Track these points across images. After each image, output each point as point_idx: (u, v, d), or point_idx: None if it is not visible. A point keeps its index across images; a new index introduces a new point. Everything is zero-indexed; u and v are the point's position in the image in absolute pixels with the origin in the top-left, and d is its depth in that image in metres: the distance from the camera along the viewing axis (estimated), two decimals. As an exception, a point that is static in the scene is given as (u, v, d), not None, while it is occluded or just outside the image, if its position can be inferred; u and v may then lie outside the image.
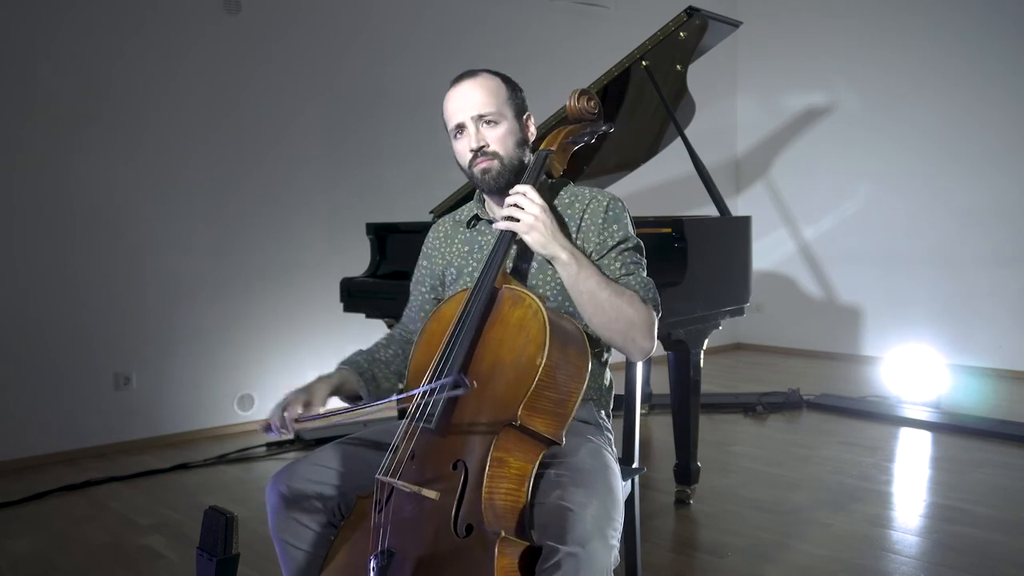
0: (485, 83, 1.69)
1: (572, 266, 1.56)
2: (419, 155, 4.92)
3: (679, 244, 2.98)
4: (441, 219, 1.92)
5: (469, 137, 1.67)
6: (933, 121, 5.77)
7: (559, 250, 1.56)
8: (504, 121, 1.68)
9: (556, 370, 1.43)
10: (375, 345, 1.82)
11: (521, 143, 1.71)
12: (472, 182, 1.74)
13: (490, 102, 1.67)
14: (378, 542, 1.42)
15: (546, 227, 1.56)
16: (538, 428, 1.42)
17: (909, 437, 4.09)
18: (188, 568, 2.56)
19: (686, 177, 4.07)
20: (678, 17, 3.40)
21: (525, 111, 1.75)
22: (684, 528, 2.97)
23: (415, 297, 1.89)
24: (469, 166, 1.70)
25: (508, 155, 1.68)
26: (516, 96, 1.73)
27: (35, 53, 3.81)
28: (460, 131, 1.70)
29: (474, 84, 1.69)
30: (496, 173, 1.68)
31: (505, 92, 1.70)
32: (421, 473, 1.44)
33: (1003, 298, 5.53)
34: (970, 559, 2.60)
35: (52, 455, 3.87)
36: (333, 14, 4.66)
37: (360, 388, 1.70)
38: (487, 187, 1.71)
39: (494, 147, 1.67)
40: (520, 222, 1.56)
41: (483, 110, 1.66)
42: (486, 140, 1.67)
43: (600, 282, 1.57)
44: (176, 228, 4.21)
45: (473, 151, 1.67)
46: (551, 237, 1.56)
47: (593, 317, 1.58)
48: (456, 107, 1.69)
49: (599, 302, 1.57)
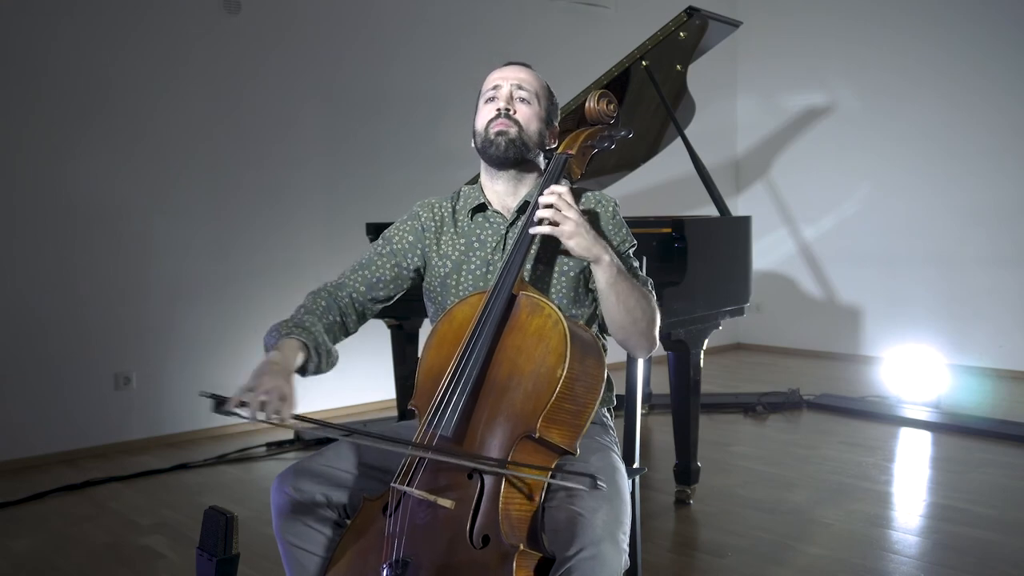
0: (533, 73, 1.75)
1: (613, 268, 1.56)
2: (419, 155, 4.91)
3: (679, 244, 2.98)
4: (434, 201, 1.79)
5: (500, 100, 1.69)
6: (933, 121, 5.77)
7: (603, 253, 1.55)
8: (536, 104, 1.71)
9: (575, 382, 1.42)
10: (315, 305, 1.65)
11: (541, 135, 1.72)
12: (481, 150, 1.70)
13: (533, 84, 1.72)
14: (392, 551, 1.41)
15: (587, 231, 1.54)
16: (554, 439, 1.41)
17: (909, 437, 4.09)
18: (188, 568, 2.56)
19: (686, 177, 4.07)
20: (678, 17, 3.41)
21: (554, 121, 1.76)
22: (684, 528, 2.97)
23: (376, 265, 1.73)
24: (486, 126, 1.68)
25: (528, 132, 1.68)
26: (552, 101, 1.77)
27: (36, 53, 3.81)
28: (495, 93, 1.70)
29: (523, 68, 1.75)
30: (510, 139, 1.66)
31: (546, 90, 1.75)
32: (435, 481, 1.43)
33: (1003, 298, 5.53)
34: (970, 559, 2.60)
35: (52, 455, 3.87)
36: (333, 14, 4.66)
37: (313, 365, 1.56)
38: (494, 151, 1.67)
39: (519, 117, 1.68)
40: (560, 227, 1.53)
41: (525, 84, 1.70)
42: (515, 108, 1.68)
43: (631, 284, 1.58)
44: (176, 228, 4.21)
45: (499, 110, 1.67)
46: (594, 240, 1.54)
47: (618, 316, 1.59)
48: (501, 75, 1.72)
49: (631, 304, 1.58)
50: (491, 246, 1.72)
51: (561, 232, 1.52)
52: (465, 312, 1.56)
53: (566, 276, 1.68)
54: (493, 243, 1.72)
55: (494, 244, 1.72)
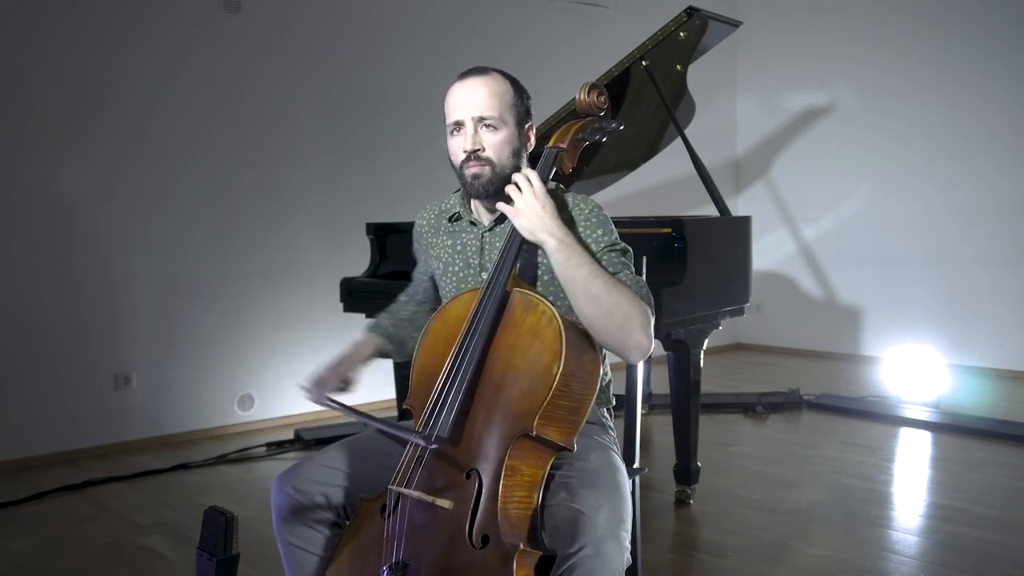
0: (493, 84, 1.63)
1: (561, 252, 1.50)
2: (419, 155, 4.91)
3: (679, 244, 2.98)
4: (427, 208, 1.88)
5: (466, 137, 1.63)
6: (933, 121, 5.77)
7: (546, 236, 1.51)
8: (504, 128, 1.63)
9: (571, 379, 1.42)
10: (397, 302, 1.92)
11: (517, 152, 1.66)
12: (461, 183, 1.69)
13: (493, 105, 1.61)
14: (392, 553, 1.41)
15: (537, 215, 1.52)
16: (552, 436, 1.41)
17: (909, 437, 4.09)
18: (188, 568, 2.56)
19: (686, 177, 4.07)
20: (678, 17, 3.41)
21: (528, 120, 1.70)
22: (684, 528, 2.97)
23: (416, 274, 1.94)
24: (460, 167, 1.65)
25: (501, 163, 1.63)
26: (521, 103, 1.67)
27: (35, 53, 3.81)
28: (458, 128, 1.65)
29: (481, 83, 1.63)
30: (486, 180, 1.63)
31: (511, 97, 1.65)
32: (433, 481, 1.43)
33: (1003, 298, 5.53)
34: (970, 559, 2.60)
35: (52, 455, 3.87)
36: (333, 14, 4.66)
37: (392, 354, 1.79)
38: (475, 192, 1.67)
39: (489, 153, 1.62)
40: (515, 204, 1.54)
41: (485, 112, 1.61)
42: (482, 144, 1.61)
43: (593, 272, 1.49)
44: (176, 228, 4.21)
45: (467, 152, 1.63)
46: (541, 225, 1.51)
47: (586, 309, 1.48)
48: (458, 103, 1.63)
49: (593, 293, 1.48)
50: (472, 250, 1.74)
51: (509, 210, 1.56)
52: (459, 310, 1.56)
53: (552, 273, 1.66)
54: (473, 247, 1.74)
55: (473, 249, 1.74)
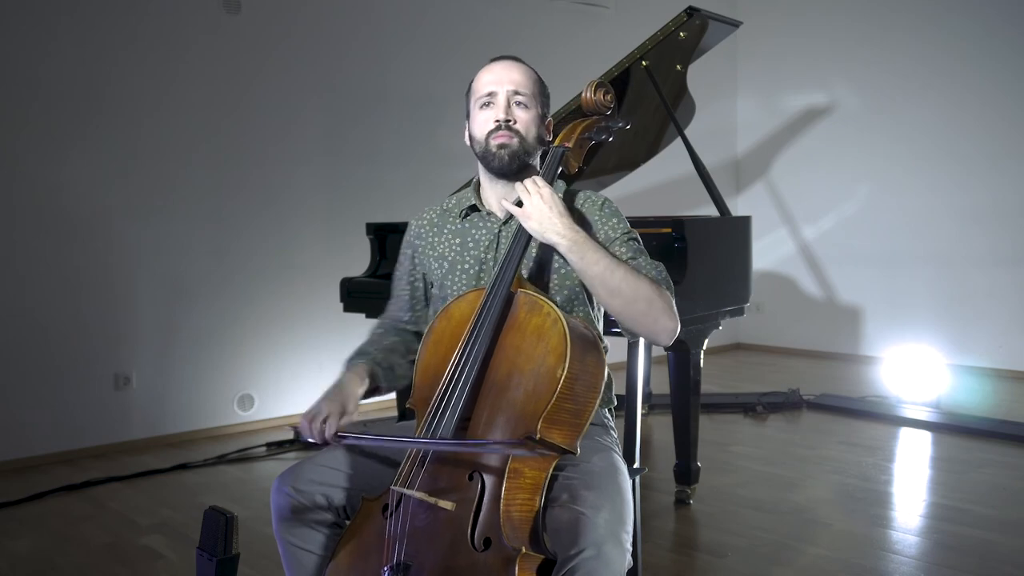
0: (526, 69, 1.71)
1: (573, 252, 1.52)
2: (419, 155, 4.92)
3: (679, 244, 2.98)
4: (426, 209, 1.87)
5: (498, 108, 1.66)
6: (933, 121, 5.77)
7: (556, 237, 1.52)
8: (533, 108, 1.68)
9: (576, 381, 1.41)
10: (373, 335, 1.81)
11: (540, 139, 1.70)
12: (482, 158, 1.69)
13: (528, 85, 1.68)
14: (393, 553, 1.41)
15: (546, 217, 1.52)
16: (555, 439, 1.40)
17: (909, 437, 4.09)
18: (188, 568, 2.56)
19: (686, 177, 4.07)
20: (678, 17, 3.41)
21: (548, 115, 1.75)
22: (684, 528, 2.97)
23: (399, 290, 1.86)
24: (487, 137, 1.66)
25: (528, 139, 1.67)
26: (545, 96, 1.74)
27: (35, 53, 3.81)
28: (491, 99, 1.67)
29: (517, 65, 1.71)
30: (512, 151, 1.65)
31: (540, 87, 1.72)
32: (435, 482, 1.42)
33: (1003, 298, 5.53)
34: (970, 559, 2.60)
35: (52, 455, 3.87)
36: (333, 14, 4.66)
37: (380, 382, 1.70)
38: (498, 163, 1.66)
39: (519, 125, 1.66)
40: (524, 207, 1.55)
41: (521, 88, 1.67)
42: (515, 116, 1.66)
43: (610, 265, 1.52)
44: (176, 228, 4.21)
45: (499, 122, 1.65)
46: (549, 225, 1.52)
47: (611, 301, 1.53)
48: (494, 78, 1.68)
49: (613, 286, 1.51)
50: (484, 244, 1.73)
51: (518, 212, 1.55)
52: (463, 310, 1.55)
53: (560, 273, 1.67)
54: (486, 242, 1.73)
55: (487, 243, 1.72)
